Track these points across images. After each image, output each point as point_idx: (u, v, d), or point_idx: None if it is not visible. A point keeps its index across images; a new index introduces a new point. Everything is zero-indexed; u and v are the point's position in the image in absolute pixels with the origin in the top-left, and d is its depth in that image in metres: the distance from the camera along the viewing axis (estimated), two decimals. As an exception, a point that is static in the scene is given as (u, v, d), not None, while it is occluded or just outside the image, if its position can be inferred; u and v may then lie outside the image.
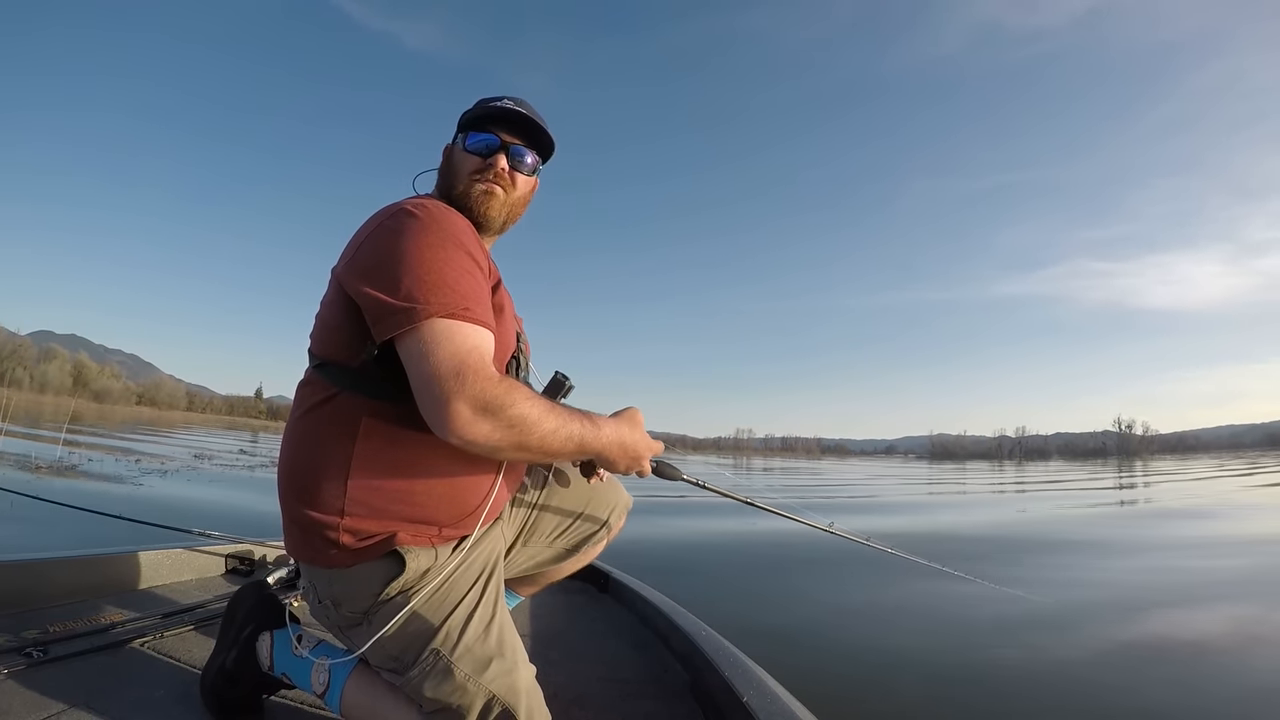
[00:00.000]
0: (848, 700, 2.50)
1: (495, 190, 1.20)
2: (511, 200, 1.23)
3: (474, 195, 1.19)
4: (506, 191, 1.21)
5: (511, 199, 1.23)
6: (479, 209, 1.19)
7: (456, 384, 0.91)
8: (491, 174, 1.19)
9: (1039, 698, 2.57)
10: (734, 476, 3.16)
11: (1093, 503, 13.44)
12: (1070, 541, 7.03)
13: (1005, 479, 28.10)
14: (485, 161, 1.19)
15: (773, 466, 45.89)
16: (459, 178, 1.20)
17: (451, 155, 1.23)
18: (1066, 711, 2.46)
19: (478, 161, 1.20)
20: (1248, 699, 2.55)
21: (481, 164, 1.20)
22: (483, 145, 1.20)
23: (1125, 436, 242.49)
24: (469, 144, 1.21)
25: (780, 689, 1.29)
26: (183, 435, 29.01)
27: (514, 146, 1.22)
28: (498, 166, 1.20)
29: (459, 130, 1.24)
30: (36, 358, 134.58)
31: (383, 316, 0.96)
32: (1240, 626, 3.59)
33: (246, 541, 2.33)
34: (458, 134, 1.24)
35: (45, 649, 1.39)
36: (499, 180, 1.20)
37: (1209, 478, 24.98)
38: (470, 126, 1.22)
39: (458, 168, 1.21)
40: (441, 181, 1.24)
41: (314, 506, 1.02)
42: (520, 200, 1.25)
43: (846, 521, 6.95)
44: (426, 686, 1.00)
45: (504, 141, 1.21)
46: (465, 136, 1.22)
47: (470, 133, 1.21)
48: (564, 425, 1.00)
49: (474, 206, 1.19)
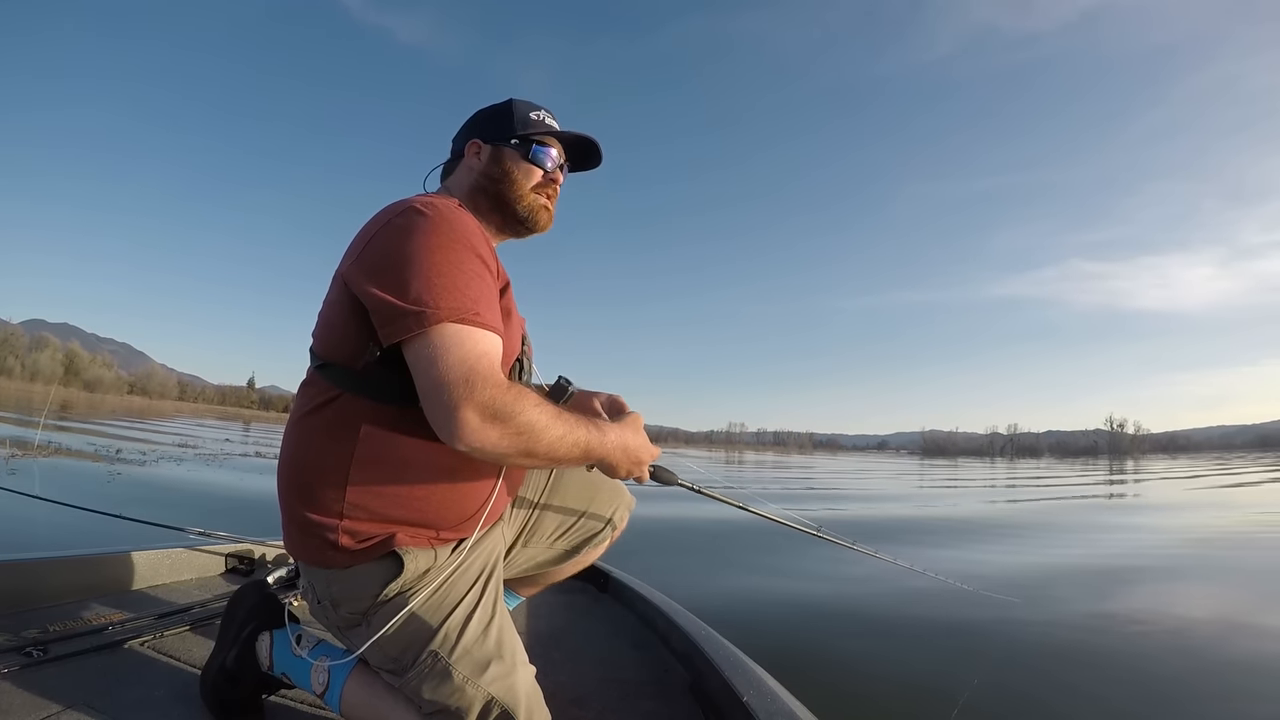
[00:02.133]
0: (844, 700, 2.52)
1: (550, 205, 1.27)
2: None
3: (535, 208, 1.24)
4: (553, 205, 1.28)
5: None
6: (535, 221, 1.25)
7: (465, 390, 0.90)
8: (552, 189, 1.26)
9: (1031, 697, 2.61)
10: (727, 482, 3.25)
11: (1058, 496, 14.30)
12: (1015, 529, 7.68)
13: (996, 474, 28.57)
14: (548, 176, 1.25)
15: (764, 460, 46.34)
16: (518, 187, 1.22)
17: (501, 159, 1.23)
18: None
19: (540, 175, 1.24)
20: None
21: (544, 179, 1.24)
22: (550, 161, 1.25)
23: (1117, 435, 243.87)
24: (534, 156, 1.23)
25: (780, 689, 1.29)
26: (158, 424, 28.75)
27: (565, 166, 1.29)
28: (559, 183, 1.27)
29: (503, 132, 1.23)
30: (28, 346, 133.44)
31: (391, 319, 0.95)
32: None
33: (246, 541, 2.32)
34: (512, 139, 1.23)
35: (45, 649, 1.38)
36: (554, 198, 1.27)
37: (1183, 477, 25.70)
38: (530, 137, 1.23)
39: (516, 177, 1.22)
40: (470, 183, 1.23)
41: (313, 508, 1.02)
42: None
43: (843, 515, 7.12)
44: (425, 688, 1.00)
45: (566, 159, 1.29)
46: (528, 147, 1.23)
47: (534, 145, 1.23)
48: (570, 432, 0.99)
49: (530, 218, 1.24)
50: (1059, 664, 2.89)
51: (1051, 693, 2.61)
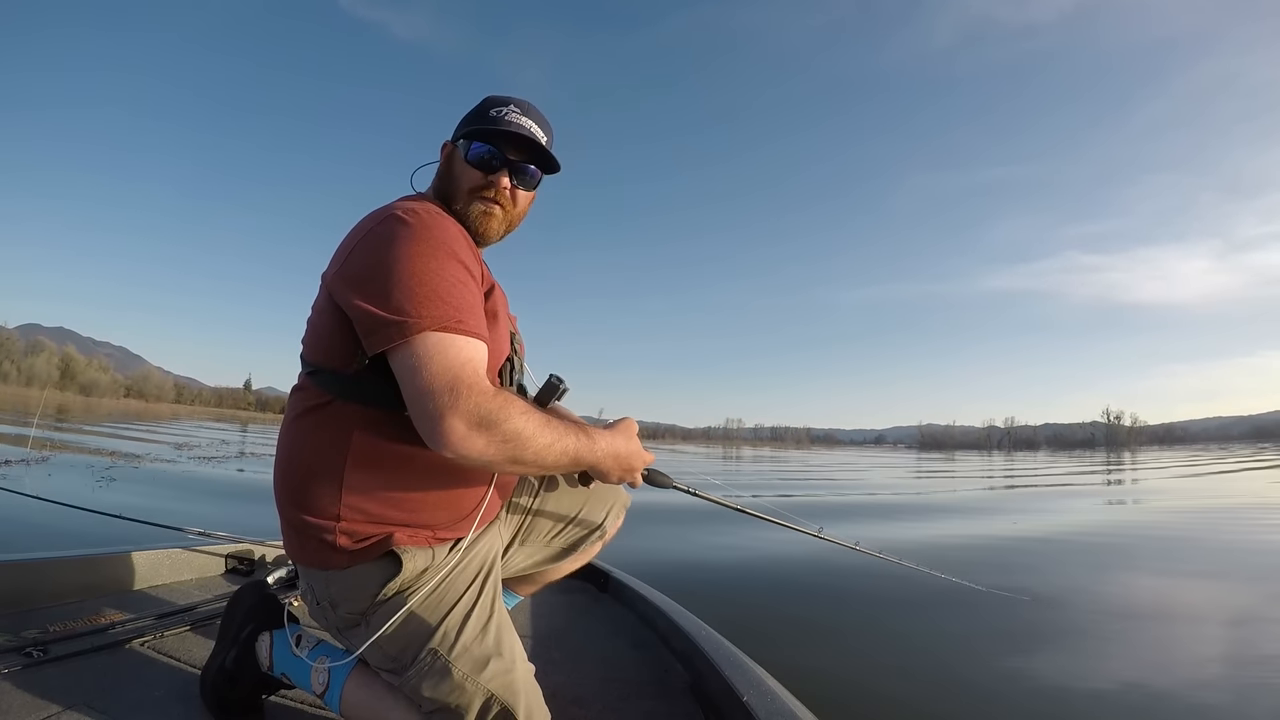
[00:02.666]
0: (842, 700, 2.53)
1: (494, 210, 1.16)
2: (511, 216, 1.19)
3: (473, 214, 1.15)
4: (506, 210, 1.17)
5: (511, 215, 1.19)
6: (478, 228, 1.15)
7: (450, 399, 0.89)
8: (493, 192, 1.15)
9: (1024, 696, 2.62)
10: (723, 485, 3.29)
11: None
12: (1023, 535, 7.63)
13: (993, 467, 28.74)
14: (487, 179, 1.14)
15: (762, 455, 46.52)
16: (458, 190, 1.15)
17: (452, 162, 1.17)
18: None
19: (479, 177, 1.14)
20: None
21: (483, 180, 1.14)
22: (486, 161, 1.14)
23: (1114, 428, 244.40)
24: (471, 155, 1.14)
25: (780, 689, 1.30)
26: (154, 427, 28.68)
27: (519, 164, 1.16)
28: (499, 185, 1.15)
29: (460, 133, 1.17)
30: (24, 350, 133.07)
31: (374, 329, 0.94)
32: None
33: (246, 541, 2.32)
34: (459, 137, 1.17)
35: (45, 649, 1.38)
36: (499, 199, 1.15)
37: (1161, 467, 26.20)
38: (473, 135, 1.15)
39: (458, 179, 1.15)
40: (439, 184, 1.19)
41: (310, 511, 1.02)
42: (520, 215, 1.22)
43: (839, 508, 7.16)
44: (425, 686, 1.01)
45: (508, 159, 1.15)
46: (468, 145, 1.15)
47: (473, 142, 1.15)
48: (559, 440, 0.98)
49: (473, 225, 1.14)
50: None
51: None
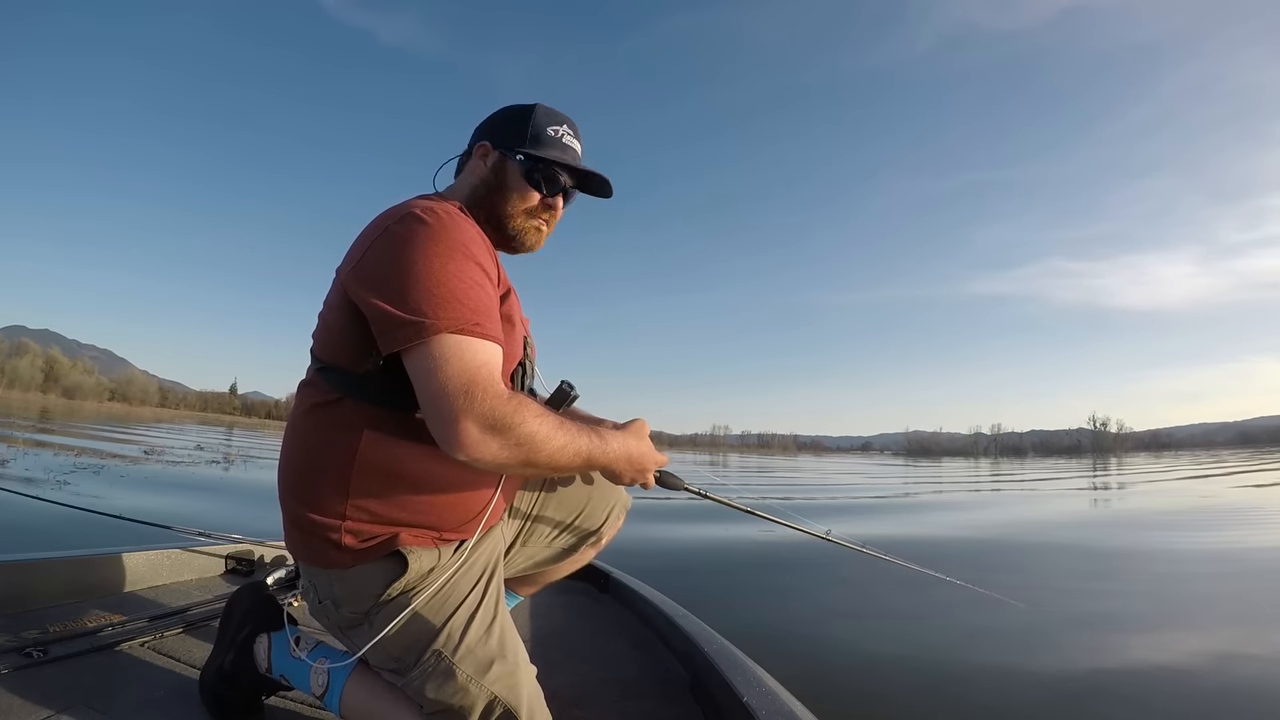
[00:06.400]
0: (840, 700, 2.54)
1: (544, 229, 1.22)
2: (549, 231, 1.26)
3: (526, 230, 1.19)
4: (551, 228, 1.24)
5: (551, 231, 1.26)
6: (526, 243, 1.21)
7: (465, 401, 0.89)
8: (549, 214, 1.21)
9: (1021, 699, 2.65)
10: (735, 487, 3.31)
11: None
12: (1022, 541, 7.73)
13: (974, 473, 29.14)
14: (545, 202, 1.19)
15: (749, 464, 46.69)
16: (511, 204, 1.17)
17: (503, 174, 1.18)
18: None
19: (538, 199, 1.18)
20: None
21: (541, 204, 1.19)
22: (551, 186, 1.18)
23: (1100, 434, 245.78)
24: (535, 179, 1.17)
25: (780, 689, 1.30)
26: (133, 429, 28.27)
27: (572, 189, 1.23)
28: (557, 210, 1.21)
29: (510, 141, 1.17)
30: (8, 353, 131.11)
31: (390, 329, 0.94)
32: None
33: (246, 541, 2.31)
34: (515, 149, 1.17)
35: (45, 649, 1.37)
36: (552, 220, 1.22)
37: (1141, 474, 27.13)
38: (533, 154, 1.16)
39: (509, 192, 1.17)
40: (479, 190, 1.18)
41: (315, 509, 1.02)
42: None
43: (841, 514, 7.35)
44: (428, 688, 1.00)
45: (567, 187, 1.21)
46: (529, 164, 1.17)
47: (536, 161, 1.17)
48: (572, 442, 0.99)
49: (522, 240, 1.20)
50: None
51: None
